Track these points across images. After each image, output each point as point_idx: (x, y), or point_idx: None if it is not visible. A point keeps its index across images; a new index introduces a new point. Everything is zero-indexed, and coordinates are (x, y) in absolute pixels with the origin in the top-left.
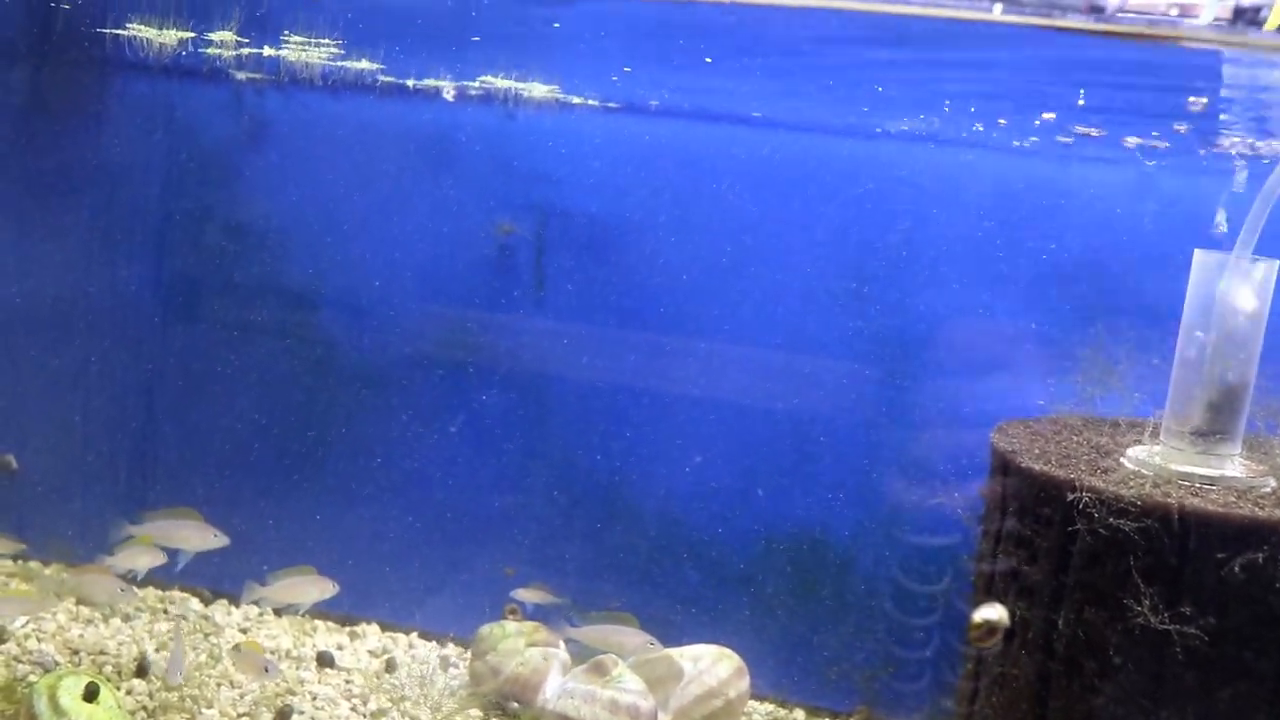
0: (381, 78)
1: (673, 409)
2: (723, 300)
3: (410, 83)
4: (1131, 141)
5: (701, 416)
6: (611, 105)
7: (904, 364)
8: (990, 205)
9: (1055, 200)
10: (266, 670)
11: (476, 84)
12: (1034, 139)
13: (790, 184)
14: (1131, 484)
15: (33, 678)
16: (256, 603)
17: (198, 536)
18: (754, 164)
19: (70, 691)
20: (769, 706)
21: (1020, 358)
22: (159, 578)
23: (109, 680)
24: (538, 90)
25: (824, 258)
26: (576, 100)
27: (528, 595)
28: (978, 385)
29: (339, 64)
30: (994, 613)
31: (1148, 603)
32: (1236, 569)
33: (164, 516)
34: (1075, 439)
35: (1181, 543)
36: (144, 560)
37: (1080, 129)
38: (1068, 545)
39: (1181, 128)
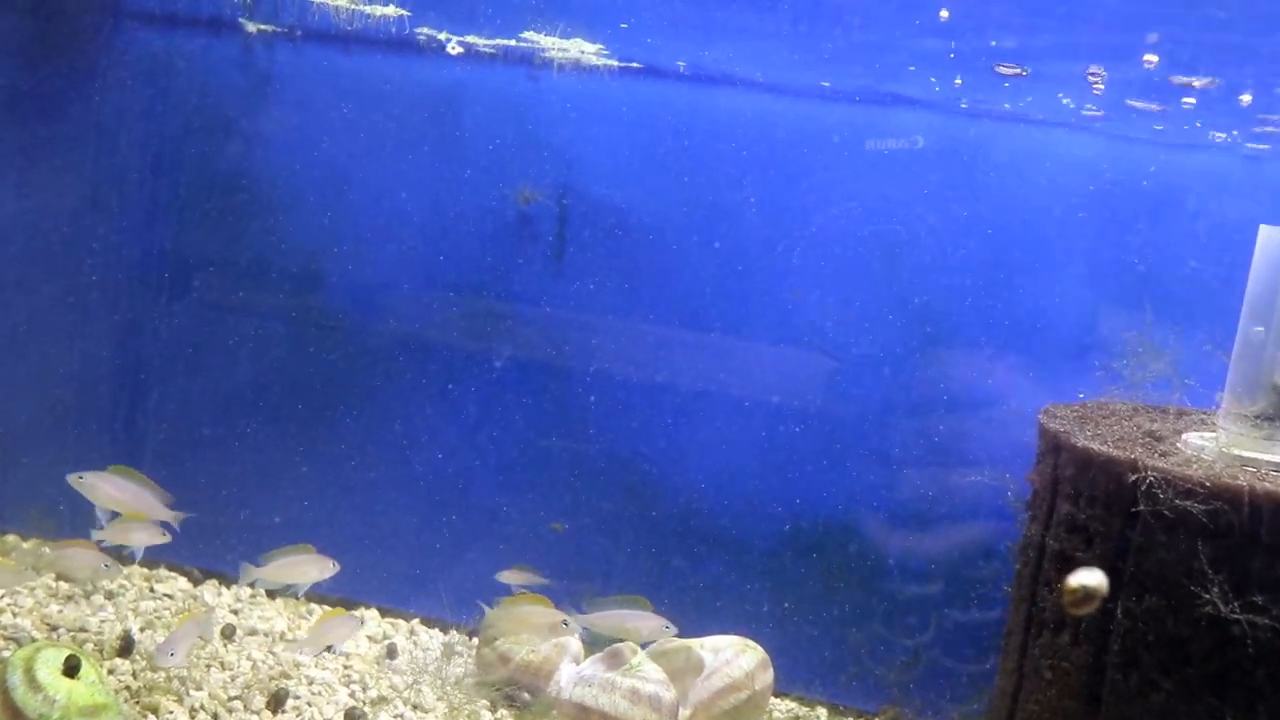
0: (419, 31)
1: (697, 392)
2: (755, 280)
3: (443, 35)
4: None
5: (727, 401)
6: (634, 65)
7: (935, 350)
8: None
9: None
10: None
11: (513, 42)
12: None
13: (822, 162)
14: (1197, 465)
15: (6, 652)
16: (253, 584)
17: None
18: (786, 140)
19: (49, 664)
20: (790, 704)
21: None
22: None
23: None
24: (583, 48)
25: (858, 241)
26: (600, 63)
27: (511, 577)
28: (1013, 372)
29: (362, 6)
30: (1092, 578)
31: (1216, 590)
32: None
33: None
34: (1125, 423)
35: (1253, 527)
36: (138, 536)
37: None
38: (1127, 529)
39: None
